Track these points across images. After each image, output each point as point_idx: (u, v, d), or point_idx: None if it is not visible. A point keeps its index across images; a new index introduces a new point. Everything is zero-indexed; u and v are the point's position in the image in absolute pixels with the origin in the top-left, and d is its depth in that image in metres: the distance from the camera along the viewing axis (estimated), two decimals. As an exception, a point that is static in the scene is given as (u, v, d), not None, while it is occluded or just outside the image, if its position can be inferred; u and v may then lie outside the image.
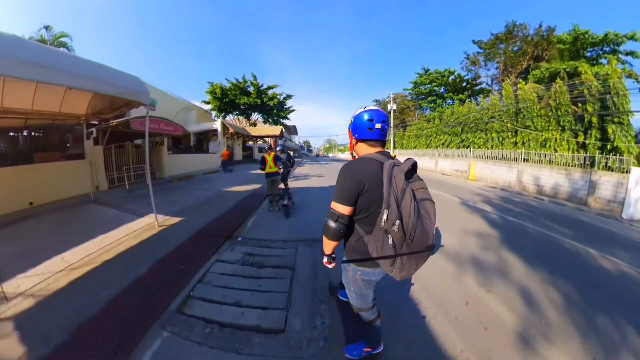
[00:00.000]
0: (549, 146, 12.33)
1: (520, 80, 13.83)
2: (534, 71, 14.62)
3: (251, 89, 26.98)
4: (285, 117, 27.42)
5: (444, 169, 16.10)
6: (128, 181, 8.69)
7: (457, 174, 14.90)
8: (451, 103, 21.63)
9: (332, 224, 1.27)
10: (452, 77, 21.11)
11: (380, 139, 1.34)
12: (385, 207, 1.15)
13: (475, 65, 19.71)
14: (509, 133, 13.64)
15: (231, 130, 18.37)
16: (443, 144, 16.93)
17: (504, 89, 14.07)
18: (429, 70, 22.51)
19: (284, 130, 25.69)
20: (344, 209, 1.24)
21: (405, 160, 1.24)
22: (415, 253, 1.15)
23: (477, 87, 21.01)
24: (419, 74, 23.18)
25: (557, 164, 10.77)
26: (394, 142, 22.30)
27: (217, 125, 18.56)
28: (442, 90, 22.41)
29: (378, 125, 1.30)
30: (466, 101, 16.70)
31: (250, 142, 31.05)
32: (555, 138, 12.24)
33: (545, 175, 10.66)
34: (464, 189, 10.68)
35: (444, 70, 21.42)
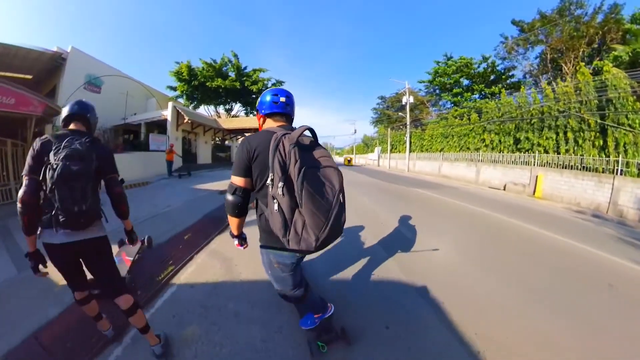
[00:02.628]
0: (656, 152, 8.88)
1: (606, 60, 10.42)
2: (614, 52, 11.34)
3: (232, 74, 21.89)
4: (274, 109, 22.37)
5: (491, 180, 12.32)
6: None
7: (515, 188, 11.10)
8: (479, 97, 18.25)
9: (229, 196, 1.28)
10: (484, 65, 17.70)
11: (283, 111, 1.40)
12: (270, 171, 1.16)
13: (511, 52, 16.43)
14: (592, 133, 10.09)
15: (187, 119, 13.46)
16: (487, 145, 13.19)
17: (580, 73, 10.58)
18: (451, 57, 19.02)
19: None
20: (239, 180, 1.27)
21: (298, 128, 1.22)
22: (316, 222, 1.10)
23: (508, 81, 17.76)
24: (438, 62, 19.62)
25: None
26: (411, 142, 18.42)
27: (167, 112, 13.65)
28: (466, 82, 18.99)
29: (282, 99, 1.38)
30: (520, 90, 13.10)
31: (229, 141, 25.66)
32: (665, 141, 8.81)
33: (656, 196, 7.03)
34: (552, 216, 6.68)
35: (470, 57, 17.99)
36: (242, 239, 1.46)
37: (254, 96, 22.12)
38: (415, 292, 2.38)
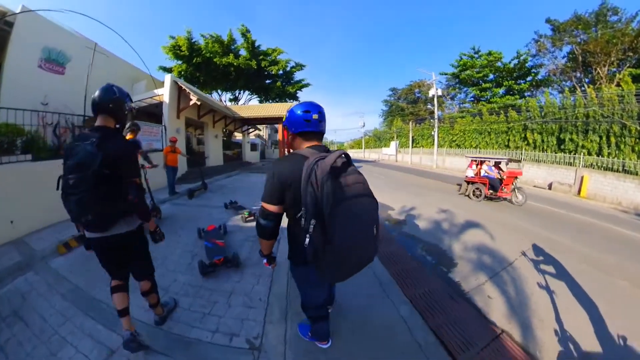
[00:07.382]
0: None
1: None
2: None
3: (243, 52, 20.04)
4: (294, 96, 21.37)
5: (535, 179, 13.65)
6: None
7: (561, 187, 12.47)
8: (504, 92, 19.52)
9: (261, 221, 1.34)
10: (515, 61, 18.79)
11: (317, 130, 1.37)
12: (303, 205, 1.16)
13: (541, 50, 17.66)
14: (633, 139, 11.60)
15: (193, 99, 9.56)
16: (529, 144, 14.41)
17: (624, 82, 11.93)
18: (479, 51, 19.84)
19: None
20: (272, 207, 1.30)
21: (334, 152, 1.21)
22: (344, 259, 1.18)
23: (535, 77, 19.09)
24: (464, 54, 20.35)
25: None
26: (438, 137, 19.21)
27: (164, 90, 9.75)
28: (490, 77, 20.08)
29: (315, 116, 1.33)
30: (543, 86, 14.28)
31: (239, 136, 21.91)
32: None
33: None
34: (611, 217, 7.40)
35: (499, 52, 18.95)
36: (271, 258, 1.56)
37: (269, 81, 20.81)
38: None
